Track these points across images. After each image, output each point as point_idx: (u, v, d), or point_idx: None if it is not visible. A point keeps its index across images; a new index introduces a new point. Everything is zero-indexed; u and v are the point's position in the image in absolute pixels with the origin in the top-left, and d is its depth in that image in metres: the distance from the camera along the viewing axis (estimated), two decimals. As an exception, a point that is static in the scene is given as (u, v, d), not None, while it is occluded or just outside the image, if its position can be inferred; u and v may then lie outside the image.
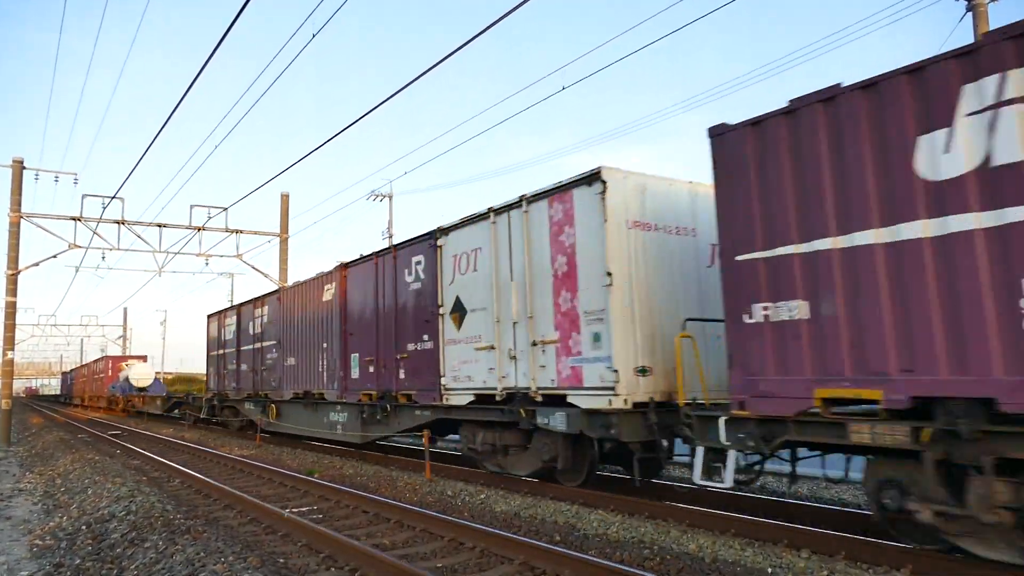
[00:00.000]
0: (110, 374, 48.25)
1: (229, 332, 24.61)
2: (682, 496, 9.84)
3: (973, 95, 5.73)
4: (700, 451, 7.77)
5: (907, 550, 6.46)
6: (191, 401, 30.98)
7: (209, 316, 27.24)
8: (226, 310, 25.20)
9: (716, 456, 7.72)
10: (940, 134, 5.90)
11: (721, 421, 7.55)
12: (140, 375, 42.98)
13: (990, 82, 5.63)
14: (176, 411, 34.66)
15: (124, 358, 49.93)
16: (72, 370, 76.39)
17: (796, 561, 6.55)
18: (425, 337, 12.66)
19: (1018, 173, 5.44)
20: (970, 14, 10.81)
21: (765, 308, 7.05)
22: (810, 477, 11.75)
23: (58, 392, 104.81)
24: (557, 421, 9.79)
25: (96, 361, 55.57)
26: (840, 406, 6.77)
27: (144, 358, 48.13)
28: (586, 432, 9.42)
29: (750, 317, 7.18)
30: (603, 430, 9.10)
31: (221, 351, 25.33)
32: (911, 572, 6.15)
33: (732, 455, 7.52)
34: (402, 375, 13.46)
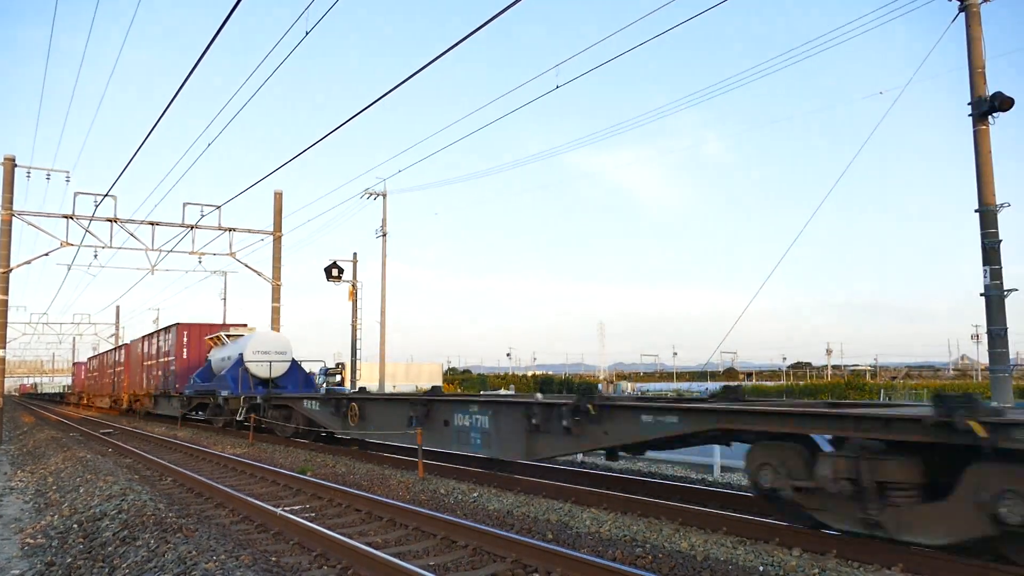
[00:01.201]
0: (186, 356, 28.63)
1: None
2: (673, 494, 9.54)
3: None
4: None
5: (899, 549, 6.49)
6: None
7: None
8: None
9: None
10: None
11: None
12: (266, 354, 23.78)
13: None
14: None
15: (219, 327, 30.24)
16: (94, 356, 54.81)
17: (787, 559, 6.58)
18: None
19: None
20: (963, 14, 10.85)
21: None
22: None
23: (62, 390, 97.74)
24: None
25: (152, 336, 33.21)
26: None
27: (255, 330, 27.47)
28: None
29: None
30: None
31: None
32: (901, 570, 6.18)
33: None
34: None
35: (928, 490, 6.22)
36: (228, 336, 26.46)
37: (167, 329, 30.52)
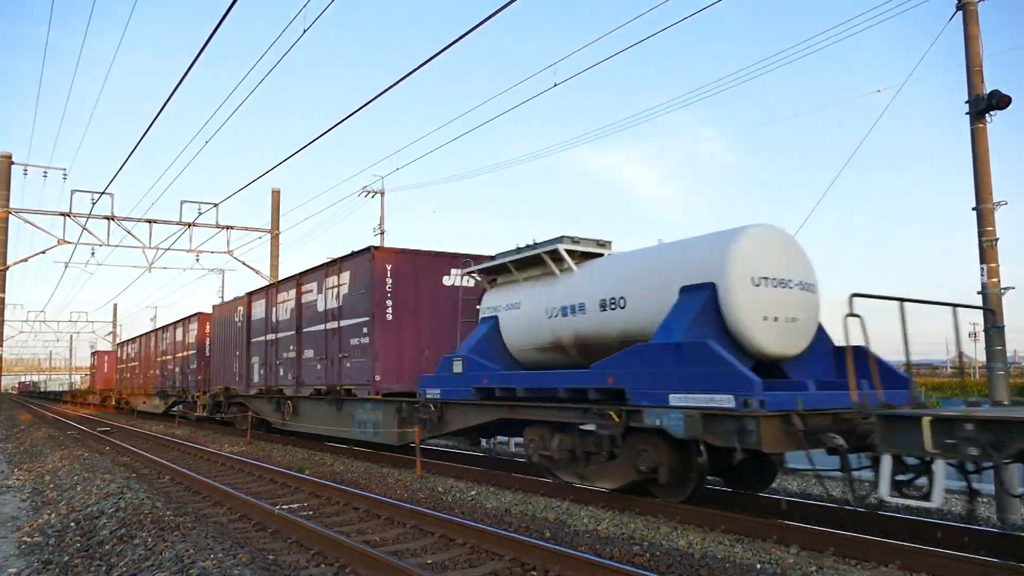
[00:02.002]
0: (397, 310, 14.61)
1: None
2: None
3: None
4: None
5: (895, 546, 6.50)
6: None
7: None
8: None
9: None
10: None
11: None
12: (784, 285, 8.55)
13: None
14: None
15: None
16: (130, 341, 41.81)
17: (785, 557, 6.59)
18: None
19: None
20: (960, 12, 10.84)
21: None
22: (801, 471, 11.82)
23: (71, 387, 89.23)
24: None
25: (292, 284, 18.44)
26: None
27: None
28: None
29: None
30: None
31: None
32: (899, 567, 6.19)
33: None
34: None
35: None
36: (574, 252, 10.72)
37: (363, 254, 15.00)
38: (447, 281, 15.07)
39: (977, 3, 10.52)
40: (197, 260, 32.62)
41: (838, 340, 8.77)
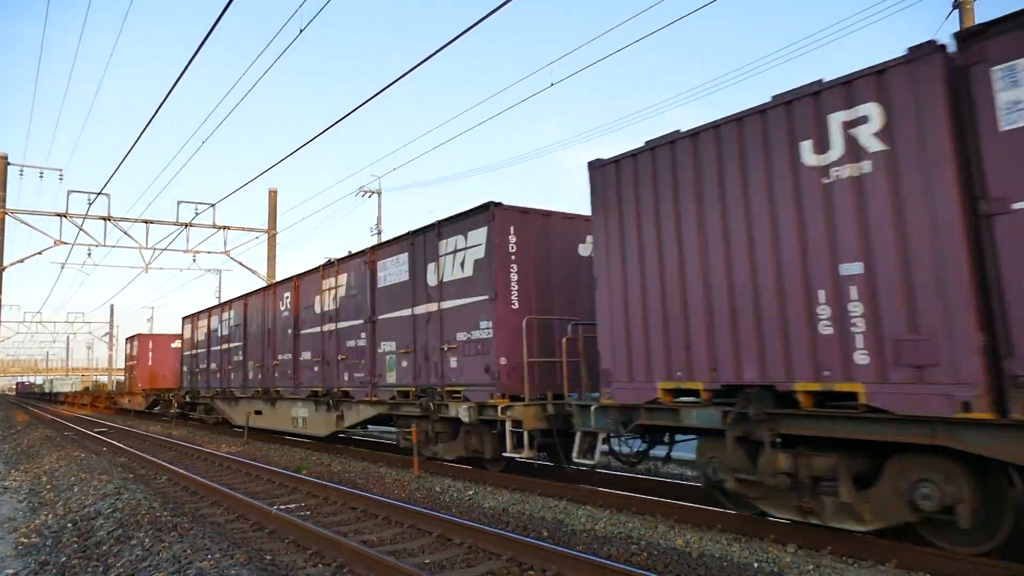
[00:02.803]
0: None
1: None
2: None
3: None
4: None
5: (893, 545, 6.51)
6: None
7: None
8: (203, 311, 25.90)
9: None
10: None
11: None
12: None
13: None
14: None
15: None
16: (201, 313, 26.04)
17: (782, 556, 6.59)
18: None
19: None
20: (956, 11, 10.88)
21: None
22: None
23: (91, 387, 73.53)
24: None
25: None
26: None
27: None
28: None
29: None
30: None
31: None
32: (896, 566, 6.20)
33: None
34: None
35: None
36: None
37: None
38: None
39: (973, 1, 10.55)
40: (194, 260, 32.61)
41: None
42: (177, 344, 32.92)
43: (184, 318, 27.88)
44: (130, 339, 39.45)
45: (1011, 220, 5.54)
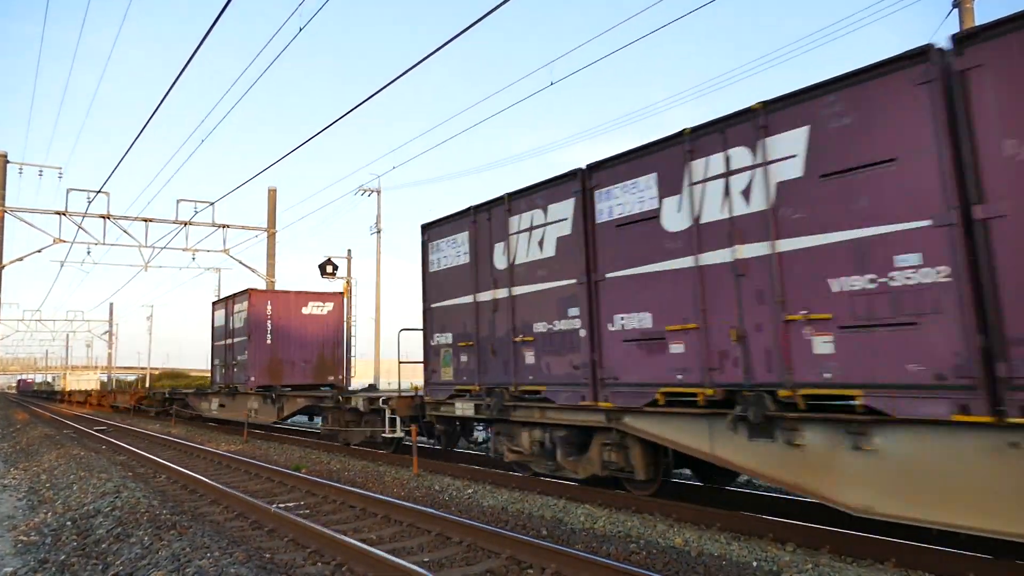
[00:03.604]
0: None
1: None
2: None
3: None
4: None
5: (891, 544, 6.52)
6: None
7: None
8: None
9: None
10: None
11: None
12: None
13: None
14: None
15: None
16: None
17: (781, 555, 6.60)
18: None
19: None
20: (956, 10, 10.88)
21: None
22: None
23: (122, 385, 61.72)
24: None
25: None
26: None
27: None
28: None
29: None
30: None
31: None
32: (895, 565, 6.21)
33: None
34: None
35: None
36: None
37: None
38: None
39: (972, 1, 10.55)
40: (193, 259, 32.60)
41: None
42: (319, 308, 21.61)
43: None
44: (231, 300, 22.87)
45: None
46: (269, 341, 21.36)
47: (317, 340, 22.22)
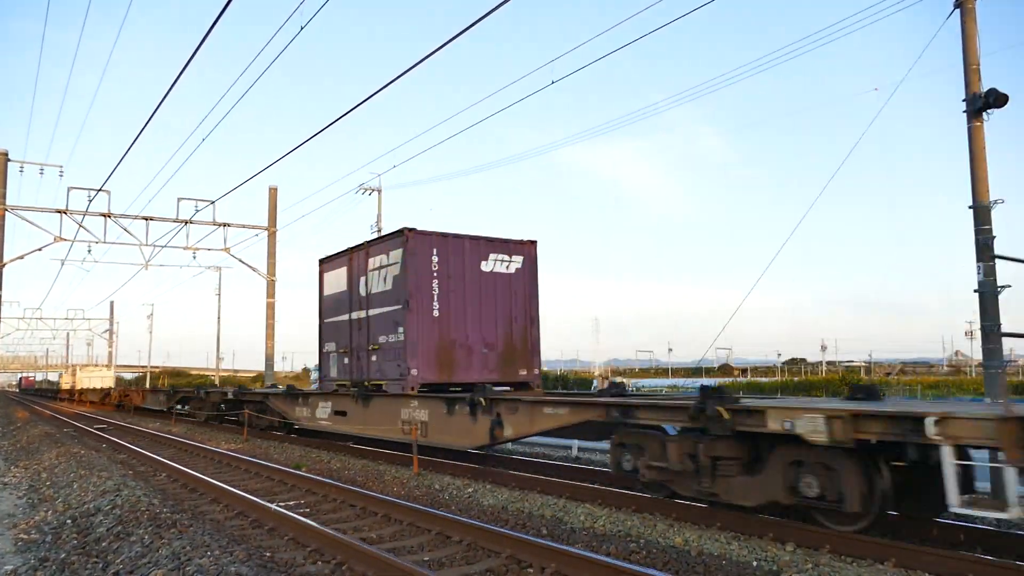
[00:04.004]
0: None
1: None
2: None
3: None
4: None
5: (890, 544, 6.52)
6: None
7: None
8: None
9: None
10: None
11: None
12: None
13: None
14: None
15: None
16: None
17: (781, 555, 6.60)
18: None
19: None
20: (958, 10, 10.86)
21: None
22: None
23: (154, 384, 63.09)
24: None
25: None
26: None
27: None
28: None
29: None
30: None
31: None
32: (894, 565, 6.21)
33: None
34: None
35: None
36: None
37: None
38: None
39: (975, 1, 10.53)
40: (194, 257, 32.64)
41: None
42: (504, 264, 14.99)
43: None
44: (364, 251, 15.55)
45: None
46: (437, 312, 13.74)
47: (504, 313, 14.51)
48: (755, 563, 6.38)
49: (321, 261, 17.25)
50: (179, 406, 28.28)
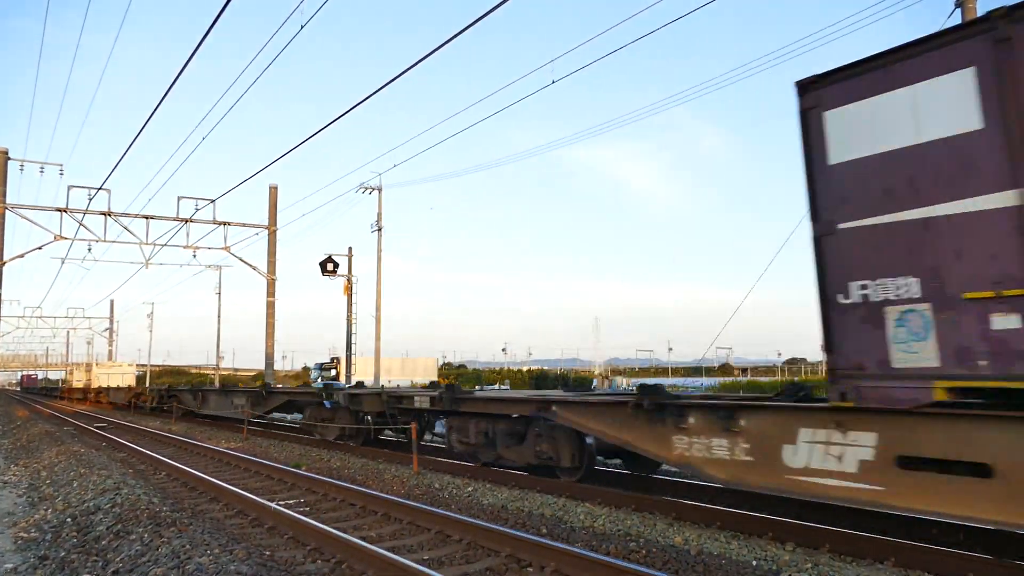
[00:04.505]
0: None
1: None
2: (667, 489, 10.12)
3: None
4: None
5: (890, 543, 6.52)
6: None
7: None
8: None
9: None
10: None
11: None
12: None
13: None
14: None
15: None
16: None
17: (781, 554, 6.60)
18: None
19: None
20: (959, 10, 10.87)
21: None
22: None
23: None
24: None
25: None
26: None
27: None
28: None
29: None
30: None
31: None
32: (894, 564, 6.21)
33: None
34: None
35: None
36: None
37: None
38: None
39: (975, 0, 10.54)
40: (194, 256, 32.62)
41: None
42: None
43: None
44: None
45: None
46: None
47: None
48: (755, 562, 6.38)
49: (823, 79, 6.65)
50: (294, 414, 22.29)
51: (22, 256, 28.55)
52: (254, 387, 20.33)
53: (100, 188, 25.38)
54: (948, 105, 5.74)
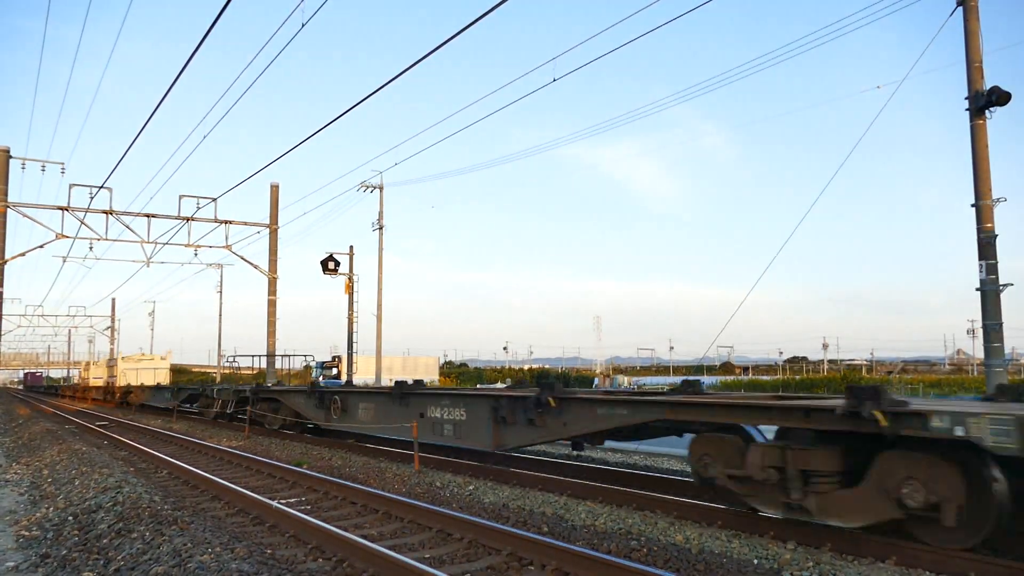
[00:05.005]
0: None
1: None
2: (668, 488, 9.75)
3: None
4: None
5: (891, 543, 6.51)
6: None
7: None
8: None
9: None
10: None
11: None
12: None
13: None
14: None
15: None
16: None
17: (782, 553, 6.59)
18: None
19: None
20: (961, 8, 10.84)
21: None
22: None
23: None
24: None
25: None
26: None
27: None
28: None
29: None
30: None
31: None
32: (895, 564, 6.20)
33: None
34: None
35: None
36: None
37: None
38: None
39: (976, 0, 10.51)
40: (195, 255, 32.64)
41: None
42: None
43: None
44: None
45: None
46: None
47: None
48: (756, 561, 6.38)
49: None
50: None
51: (24, 255, 28.56)
52: (384, 388, 14.75)
53: (102, 187, 25.40)
54: None
